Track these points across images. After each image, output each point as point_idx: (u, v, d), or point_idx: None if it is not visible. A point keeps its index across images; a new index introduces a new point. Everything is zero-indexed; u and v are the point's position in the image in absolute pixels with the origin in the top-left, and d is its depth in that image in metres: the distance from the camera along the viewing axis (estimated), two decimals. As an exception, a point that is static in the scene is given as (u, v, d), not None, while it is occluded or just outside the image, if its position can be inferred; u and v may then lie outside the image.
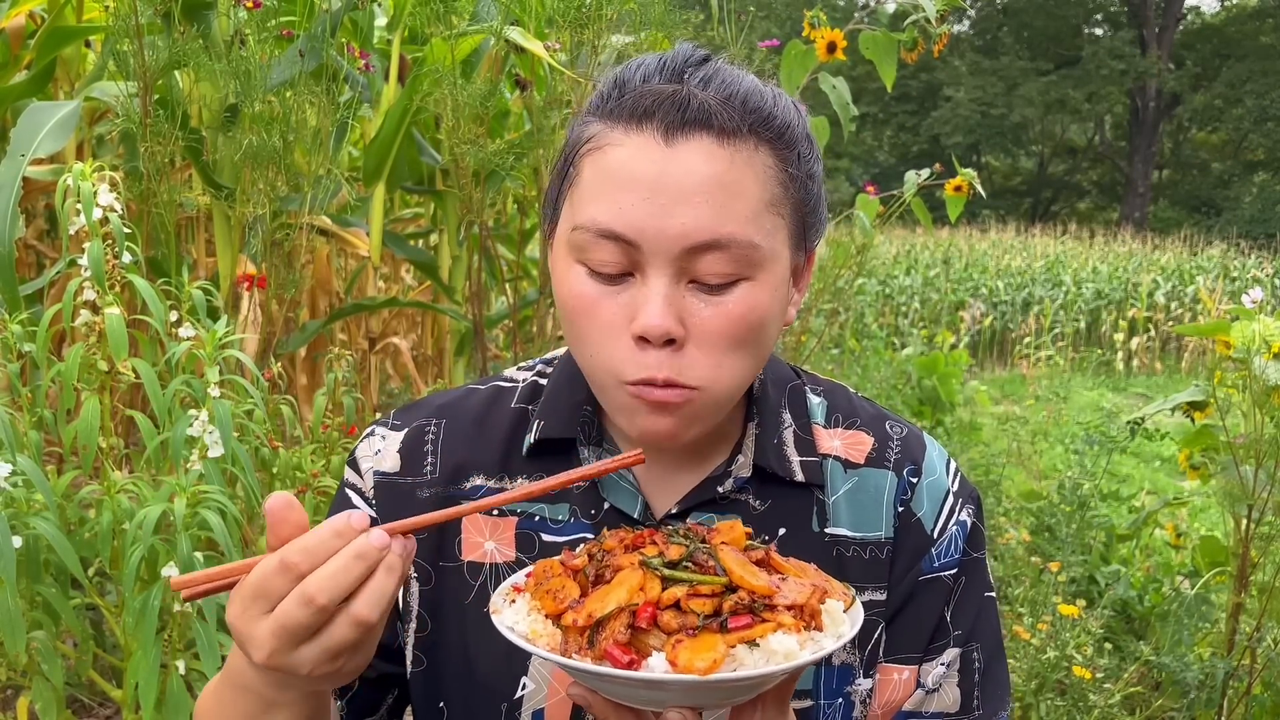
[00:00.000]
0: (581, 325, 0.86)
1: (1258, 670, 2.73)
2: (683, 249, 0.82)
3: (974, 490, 1.04)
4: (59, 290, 3.05)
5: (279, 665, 0.72)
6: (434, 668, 0.99)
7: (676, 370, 0.84)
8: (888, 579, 0.98)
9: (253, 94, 2.75)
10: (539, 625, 0.74)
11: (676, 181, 0.81)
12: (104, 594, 2.35)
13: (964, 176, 3.07)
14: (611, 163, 0.83)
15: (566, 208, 0.89)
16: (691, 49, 0.89)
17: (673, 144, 0.82)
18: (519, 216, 4.49)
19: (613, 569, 0.75)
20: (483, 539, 0.98)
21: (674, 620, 0.71)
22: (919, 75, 32.08)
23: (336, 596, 0.70)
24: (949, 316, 13.08)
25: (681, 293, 0.84)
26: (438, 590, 0.98)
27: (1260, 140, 31.30)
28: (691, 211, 0.81)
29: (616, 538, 0.80)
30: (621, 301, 0.84)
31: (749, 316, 0.85)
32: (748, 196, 0.83)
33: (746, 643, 0.70)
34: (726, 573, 0.74)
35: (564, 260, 0.88)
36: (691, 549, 0.76)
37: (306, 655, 0.72)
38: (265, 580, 0.71)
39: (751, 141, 0.84)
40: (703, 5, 3.67)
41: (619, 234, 0.82)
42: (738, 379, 0.88)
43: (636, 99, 0.84)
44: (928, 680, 0.97)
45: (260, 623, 0.71)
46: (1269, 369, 2.51)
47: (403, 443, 1.01)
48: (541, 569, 0.80)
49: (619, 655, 0.69)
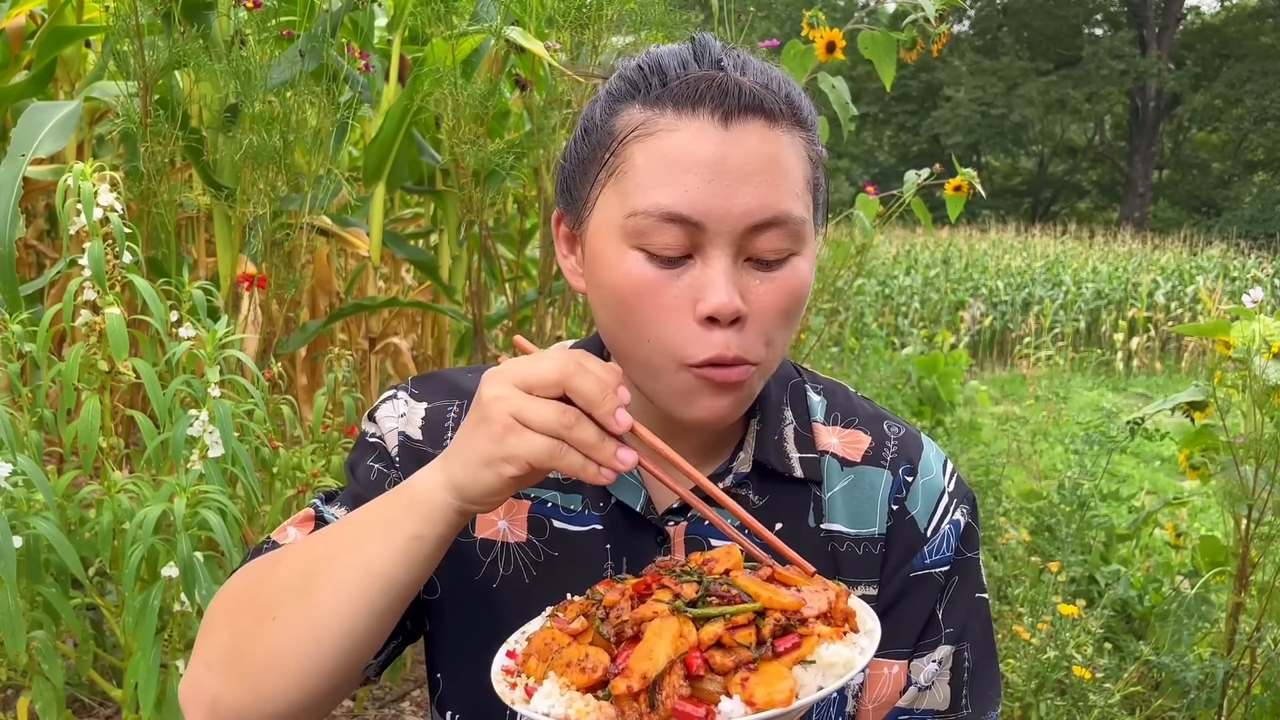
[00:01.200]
0: (641, 310, 0.87)
1: (1258, 670, 2.73)
2: (745, 228, 0.85)
3: (970, 491, 1.05)
4: (59, 290, 3.05)
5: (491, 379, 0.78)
6: (436, 634, 1.01)
7: (743, 347, 0.86)
8: (880, 575, 0.99)
9: (253, 94, 2.75)
10: (580, 704, 0.69)
11: (737, 163, 0.84)
12: (104, 594, 2.35)
13: (964, 176, 3.07)
14: (669, 147, 0.85)
15: (610, 196, 0.88)
16: (714, 39, 0.92)
17: (730, 127, 0.85)
18: (519, 216, 4.49)
19: (633, 623, 0.71)
20: (496, 516, 0.99)
21: (726, 659, 0.68)
22: (919, 75, 32.07)
23: (573, 380, 0.76)
24: (949, 316, 13.08)
25: (739, 271, 0.87)
26: (449, 561, 0.97)
27: (1260, 140, 31.31)
28: (754, 190, 0.84)
29: (616, 591, 0.76)
30: (683, 284, 0.86)
31: (800, 289, 0.89)
32: (795, 175, 0.88)
33: (801, 663, 0.69)
34: (754, 597, 0.72)
35: (615, 247, 0.88)
36: (706, 583, 0.74)
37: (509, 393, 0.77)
38: (552, 349, 0.82)
39: (791, 124, 0.88)
40: (703, 5, 3.67)
41: (685, 216, 0.84)
42: (782, 351, 0.92)
43: (685, 85, 0.86)
44: (920, 678, 0.98)
45: (523, 362, 0.79)
46: (1269, 369, 2.51)
47: (425, 417, 1.02)
48: (541, 642, 0.75)
49: (693, 711, 0.65)
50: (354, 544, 0.83)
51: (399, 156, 3.50)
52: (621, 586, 0.77)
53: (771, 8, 23.85)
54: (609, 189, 0.88)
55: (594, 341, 1.04)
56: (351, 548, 0.83)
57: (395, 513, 0.82)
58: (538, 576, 0.98)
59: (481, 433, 0.77)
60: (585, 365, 0.77)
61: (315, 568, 0.84)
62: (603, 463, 0.76)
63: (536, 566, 0.98)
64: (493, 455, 0.77)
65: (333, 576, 0.82)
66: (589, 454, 0.76)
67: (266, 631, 0.84)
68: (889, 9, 7.12)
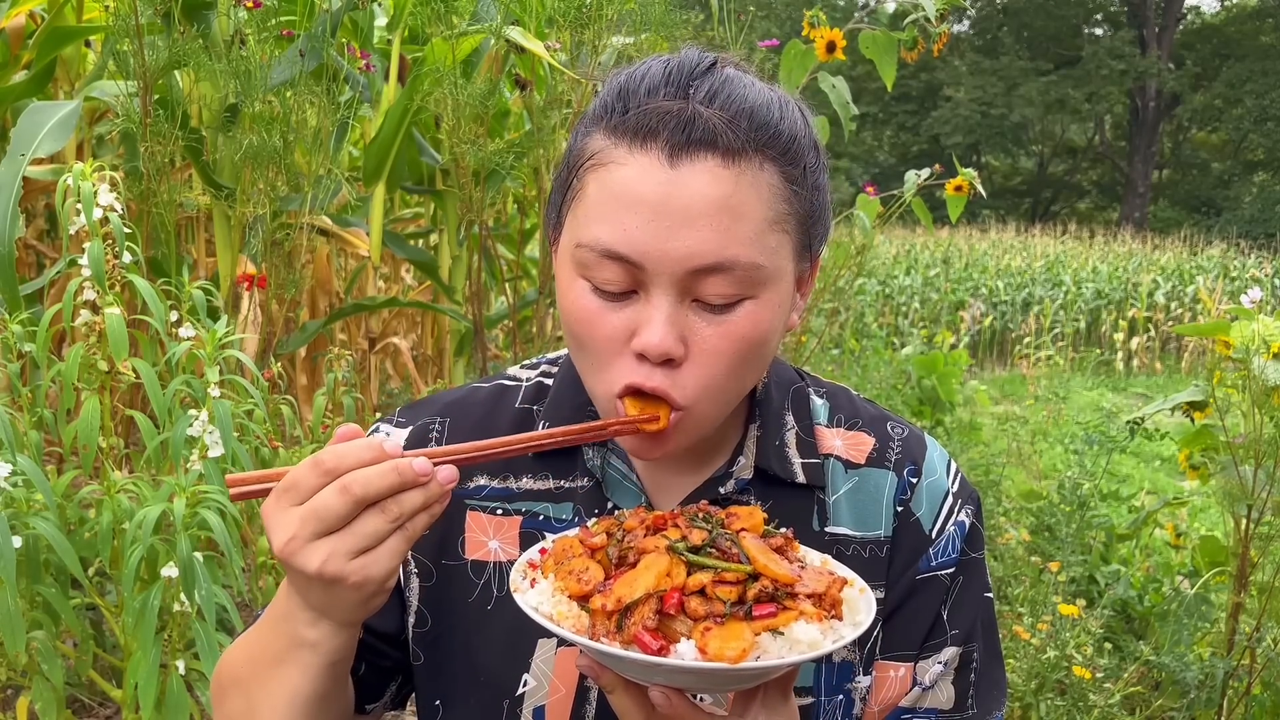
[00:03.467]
0: (583, 337, 0.87)
1: (1257, 670, 2.73)
2: (686, 271, 0.82)
3: (974, 492, 1.05)
4: (59, 290, 3.05)
5: (293, 554, 0.75)
6: (432, 664, 1.00)
7: (669, 383, 0.85)
8: (886, 577, 0.98)
9: (253, 94, 2.75)
10: (563, 607, 0.74)
11: (681, 205, 0.81)
12: (104, 594, 2.35)
13: (964, 176, 3.07)
14: (615, 182, 0.83)
15: (570, 220, 0.89)
16: (698, 56, 0.88)
17: (677, 165, 0.81)
18: (519, 216, 4.49)
19: (636, 551, 0.76)
20: (486, 538, 0.99)
21: (701, 607, 0.72)
22: (919, 75, 32.09)
23: (369, 494, 0.74)
24: (949, 316, 13.08)
25: (685, 311, 0.84)
26: (439, 588, 0.99)
27: (1260, 140, 31.31)
28: (696, 235, 0.81)
29: (637, 517, 0.80)
30: (624, 317, 0.85)
31: (751, 335, 0.85)
32: (752, 218, 0.83)
33: (771, 631, 0.71)
34: (750, 560, 0.74)
35: (567, 273, 0.88)
36: (714, 535, 0.77)
37: (325, 547, 0.75)
38: (297, 474, 0.76)
39: (757, 160, 0.83)
40: (703, 5, 3.67)
41: (623, 255, 0.82)
42: (728, 398, 0.89)
43: (640, 116, 0.83)
44: (924, 678, 0.98)
45: (290, 511, 0.75)
46: (1268, 369, 2.51)
47: (408, 440, 1.02)
48: (561, 547, 0.80)
49: (649, 641, 0.70)
50: (274, 675, 0.86)
51: (399, 156, 3.50)
52: (644, 515, 0.81)
53: (771, 8, 23.86)
54: (570, 214, 0.89)
55: None
56: (274, 679, 0.87)
57: (297, 651, 0.84)
58: None
59: (341, 592, 0.77)
60: (350, 465, 0.75)
61: (251, 694, 0.89)
62: (435, 501, 0.77)
63: None
64: (368, 595, 0.78)
65: (266, 702, 0.87)
66: (426, 509, 0.77)
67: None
68: (889, 9, 7.13)
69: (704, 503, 0.85)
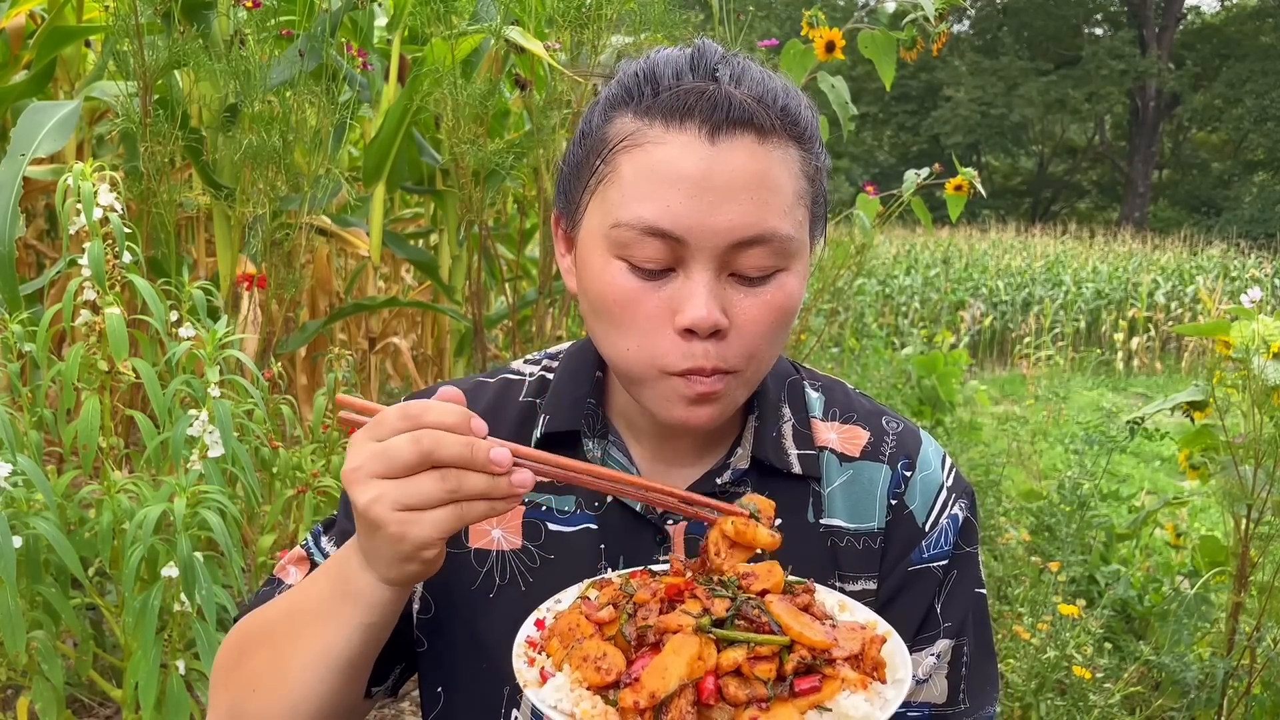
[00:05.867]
0: (623, 319, 0.88)
1: (1257, 670, 2.73)
2: (728, 244, 0.84)
3: (969, 486, 1.05)
4: (59, 290, 3.06)
5: (355, 483, 0.76)
6: (435, 651, 1.01)
7: (721, 358, 0.86)
8: (879, 569, 0.99)
9: (253, 94, 2.75)
10: (586, 704, 0.68)
11: (723, 180, 0.83)
12: (104, 594, 2.35)
13: (965, 176, 3.07)
14: (655, 161, 0.85)
15: (597, 204, 0.89)
16: (714, 46, 0.91)
17: (717, 142, 0.84)
18: (519, 216, 4.49)
19: (657, 631, 0.70)
20: (489, 526, 1.00)
21: (740, 691, 0.66)
22: (919, 75, 32.07)
23: (437, 453, 0.74)
24: (949, 316, 13.08)
25: (723, 285, 0.86)
26: (442, 574, 0.98)
27: (1260, 140, 31.30)
28: (738, 208, 0.84)
29: (648, 589, 0.75)
30: (664, 296, 0.86)
31: (786, 304, 0.89)
32: (785, 191, 0.86)
33: (816, 708, 0.66)
34: (783, 629, 0.69)
35: (599, 255, 0.88)
36: (739, 603, 0.72)
37: (378, 487, 0.75)
38: (388, 413, 0.77)
39: (784, 140, 0.87)
40: (703, 5, 3.67)
41: (666, 231, 0.84)
42: (768, 363, 0.92)
43: (674, 97, 0.85)
44: (918, 671, 0.98)
45: (367, 444, 0.77)
46: (1268, 369, 2.51)
47: None
48: (565, 625, 0.74)
49: None
50: (311, 630, 0.87)
51: (399, 156, 3.50)
52: (654, 585, 0.76)
53: (771, 7, 23.86)
54: (598, 197, 0.89)
55: (589, 343, 1.05)
56: (309, 633, 0.87)
57: (341, 602, 0.85)
58: (534, 583, 0.98)
59: (380, 539, 0.77)
60: (431, 422, 0.76)
61: (281, 649, 0.89)
62: (502, 498, 0.77)
63: (533, 573, 0.98)
64: (403, 553, 0.78)
65: (297, 658, 0.88)
66: (486, 497, 0.77)
67: (251, 705, 0.91)
68: (889, 8, 7.12)
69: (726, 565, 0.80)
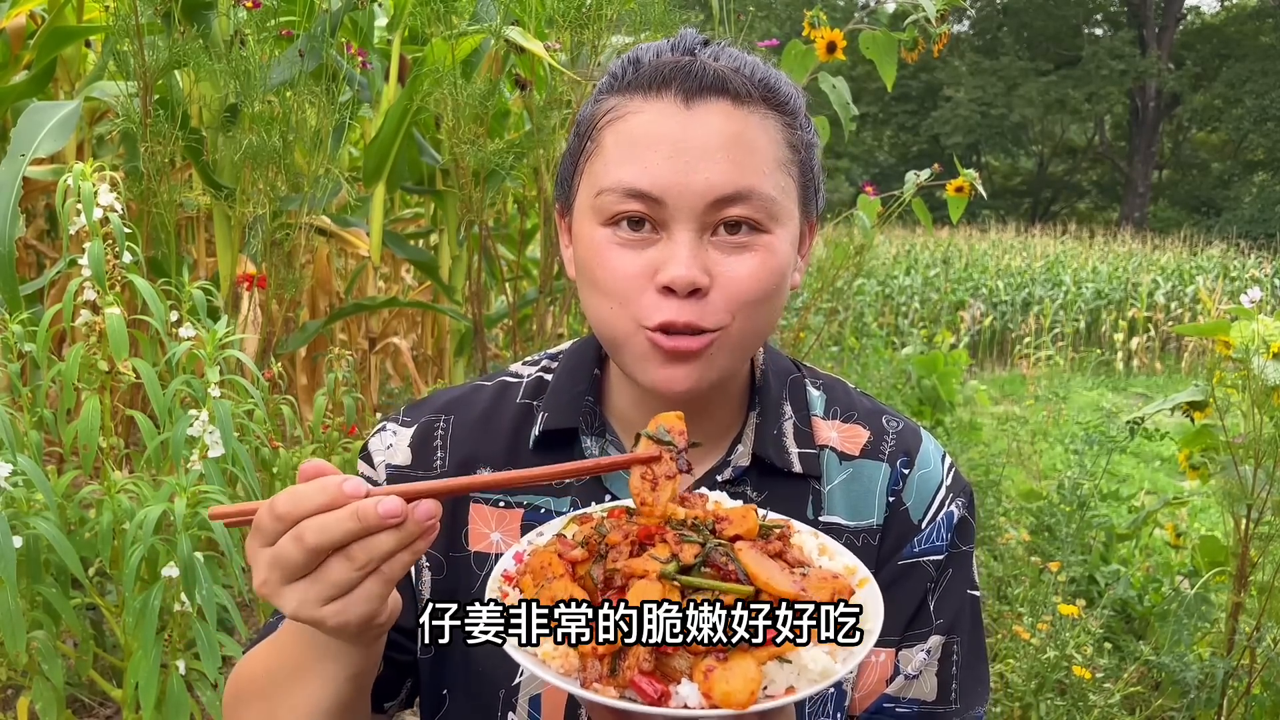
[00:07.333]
0: (607, 280, 0.89)
1: (1257, 670, 2.73)
2: (707, 203, 0.86)
3: (967, 486, 1.05)
4: (59, 290, 3.05)
5: (270, 595, 0.73)
6: (440, 656, 1.02)
7: (698, 315, 0.87)
8: (875, 565, 0.99)
9: (253, 94, 2.75)
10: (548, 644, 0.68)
11: (699, 139, 0.86)
12: (104, 594, 2.35)
13: (965, 177, 3.07)
14: (634, 127, 0.88)
15: (585, 179, 0.92)
16: (696, 32, 0.94)
17: (692, 106, 0.87)
18: (519, 216, 4.49)
19: (623, 574, 0.69)
20: (489, 530, 1.00)
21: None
22: (919, 75, 32.06)
23: (325, 542, 0.70)
24: (949, 316, 13.07)
25: (705, 246, 0.88)
26: (450, 580, 1.00)
27: (1260, 140, 31.29)
28: (715, 166, 0.86)
29: (620, 531, 0.74)
30: (647, 258, 0.88)
31: (772, 266, 0.89)
32: (763, 153, 0.88)
33: (776, 659, 0.65)
34: (750, 578, 0.68)
35: (588, 225, 0.91)
36: (708, 549, 0.70)
37: (295, 593, 0.72)
38: (261, 517, 0.73)
39: (762, 107, 0.89)
40: (703, 5, 3.67)
41: (645, 191, 0.86)
42: (755, 327, 0.91)
43: (654, 70, 0.89)
44: (909, 667, 0.99)
45: (262, 552, 0.73)
46: (1268, 369, 2.51)
47: (413, 438, 1.03)
48: (539, 562, 0.73)
49: (648, 689, 0.64)
50: (296, 686, 0.85)
51: (399, 156, 3.50)
52: (627, 527, 0.74)
53: (771, 8, 23.87)
54: (586, 173, 0.92)
55: (591, 340, 1.05)
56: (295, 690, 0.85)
57: (319, 660, 0.83)
58: None
59: (327, 631, 0.76)
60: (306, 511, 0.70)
61: (272, 701, 0.87)
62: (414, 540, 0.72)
63: None
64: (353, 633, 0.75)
65: (289, 713, 0.86)
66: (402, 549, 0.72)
67: None
68: (889, 9, 7.12)
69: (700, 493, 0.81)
